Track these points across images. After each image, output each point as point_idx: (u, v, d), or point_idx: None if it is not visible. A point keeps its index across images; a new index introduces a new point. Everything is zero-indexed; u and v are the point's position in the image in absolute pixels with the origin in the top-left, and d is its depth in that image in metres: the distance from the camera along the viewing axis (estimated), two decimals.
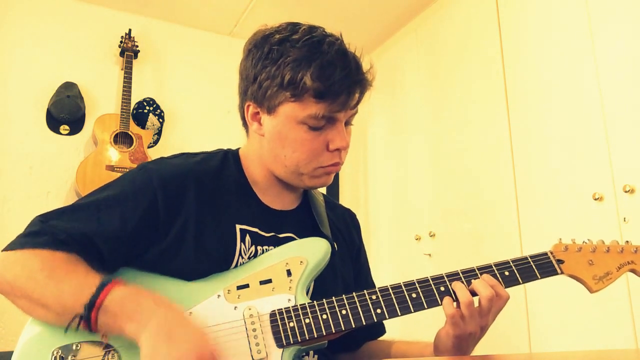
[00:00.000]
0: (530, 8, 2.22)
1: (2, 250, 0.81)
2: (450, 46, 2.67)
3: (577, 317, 1.81)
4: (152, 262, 0.86)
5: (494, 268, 0.85)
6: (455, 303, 0.82)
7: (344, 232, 1.07)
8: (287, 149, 0.90)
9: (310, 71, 0.84)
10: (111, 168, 2.57)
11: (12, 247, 0.80)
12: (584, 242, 0.89)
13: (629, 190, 1.70)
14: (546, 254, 0.87)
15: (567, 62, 2.00)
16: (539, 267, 0.85)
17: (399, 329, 1.19)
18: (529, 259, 0.86)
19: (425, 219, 2.65)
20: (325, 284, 0.92)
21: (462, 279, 0.84)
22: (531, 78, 2.17)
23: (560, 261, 0.86)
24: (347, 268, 1.03)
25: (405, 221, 2.83)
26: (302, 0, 2.88)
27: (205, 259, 0.86)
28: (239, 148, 1.02)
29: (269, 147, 0.92)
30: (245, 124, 0.97)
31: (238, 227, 0.90)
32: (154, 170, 0.89)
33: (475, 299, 0.82)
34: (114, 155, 2.62)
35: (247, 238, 0.90)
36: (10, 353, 0.78)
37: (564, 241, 0.89)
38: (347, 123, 0.93)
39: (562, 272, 0.86)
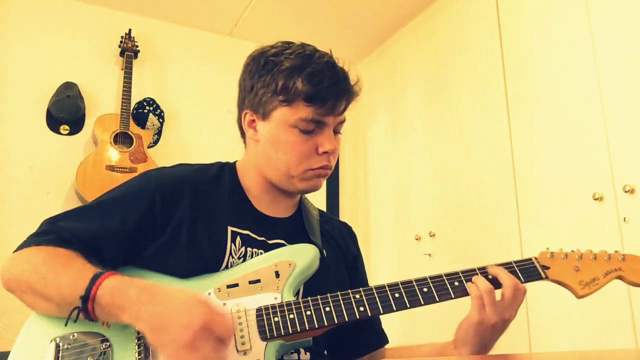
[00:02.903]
0: (530, 8, 2.22)
1: (14, 252, 0.87)
2: (450, 46, 2.67)
3: (577, 317, 1.81)
4: (149, 260, 0.91)
5: (478, 272, 0.88)
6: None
7: (339, 240, 1.12)
8: (280, 152, 0.96)
9: (301, 77, 0.92)
10: (111, 168, 2.57)
11: (21, 247, 0.87)
12: (572, 250, 0.90)
13: (629, 190, 1.70)
14: (530, 259, 0.90)
15: (567, 62, 2.00)
16: (523, 272, 0.88)
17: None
18: (513, 264, 0.89)
19: (425, 219, 2.65)
20: (318, 288, 0.94)
21: (462, 278, 0.88)
22: (531, 78, 2.17)
23: (545, 267, 0.88)
24: (341, 273, 1.06)
25: (405, 221, 2.83)
26: (302, 0, 2.88)
27: (197, 257, 0.91)
28: (236, 161, 1.08)
29: (263, 151, 0.98)
30: (242, 134, 1.04)
31: (230, 228, 0.96)
32: (153, 176, 0.97)
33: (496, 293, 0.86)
34: (114, 155, 2.61)
35: (238, 239, 0.95)
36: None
37: (550, 249, 0.90)
38: (336, 132, 0.99)
39: (546, 277, 0.88)
